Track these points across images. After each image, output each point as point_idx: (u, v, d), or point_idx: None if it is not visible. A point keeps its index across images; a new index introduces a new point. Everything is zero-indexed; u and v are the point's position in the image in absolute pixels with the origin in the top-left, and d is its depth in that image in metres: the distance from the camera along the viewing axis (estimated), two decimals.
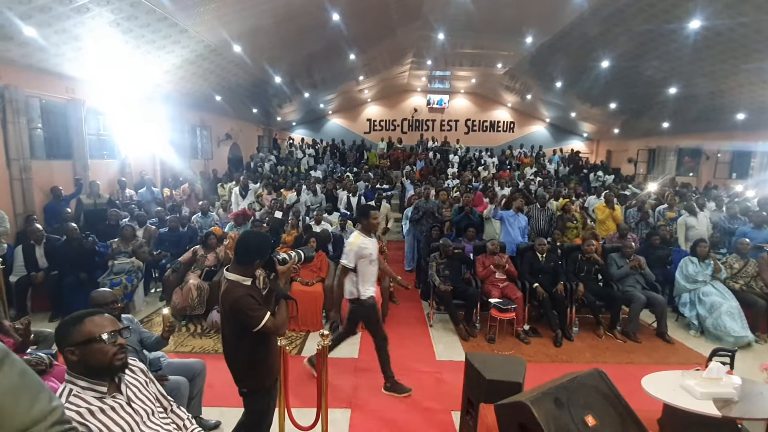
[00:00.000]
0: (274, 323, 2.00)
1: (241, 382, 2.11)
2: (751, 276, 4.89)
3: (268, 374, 2.16)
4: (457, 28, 10.24)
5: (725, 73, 9.03)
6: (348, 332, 3.68)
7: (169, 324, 2.61)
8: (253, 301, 1.96)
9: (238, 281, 2.00)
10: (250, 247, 2.03)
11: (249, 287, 2.02)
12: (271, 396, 2.22)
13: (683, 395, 2.09)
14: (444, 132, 19.20)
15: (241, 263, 2.03)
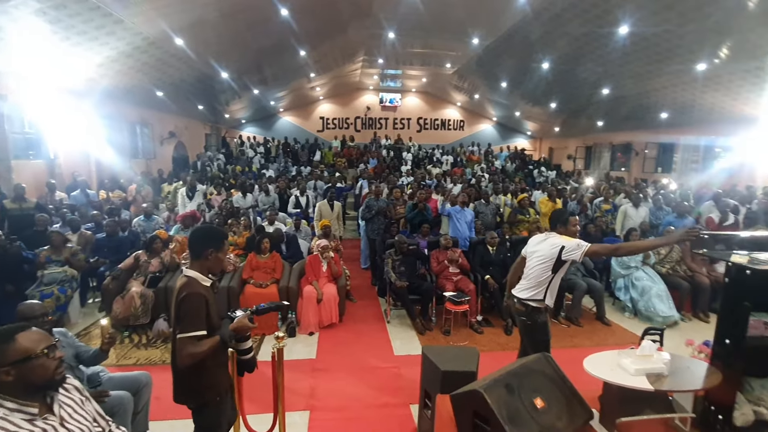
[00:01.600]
0: (193, 347, 1.76)
1: (186, 396, 1.94)
2: (676, 261, 5.40)
3: (216, 386, 1.99)
4: (406, 28, 10.37)
5: (651, 75, 9.87)
6: None
7: (108, 335, 2.43)
8: (201, 309, 1.83)
9: (197, 279, 1.90)
10: (199, 237, 1.97)
11: (207, 289, 1.92)
12: (222, 412, 2.05)
13: (620, 373, 2.27)
14: (397, 130, 19.39)
15: (195, 255, 1.94)
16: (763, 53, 7.31)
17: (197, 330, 1.78)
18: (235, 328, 1.89)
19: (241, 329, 1.90)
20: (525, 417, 2.14)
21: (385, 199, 6.71)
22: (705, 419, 2.31)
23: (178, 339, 1.77)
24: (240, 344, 1.96)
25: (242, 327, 1.90)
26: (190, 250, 1.97)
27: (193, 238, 1.98)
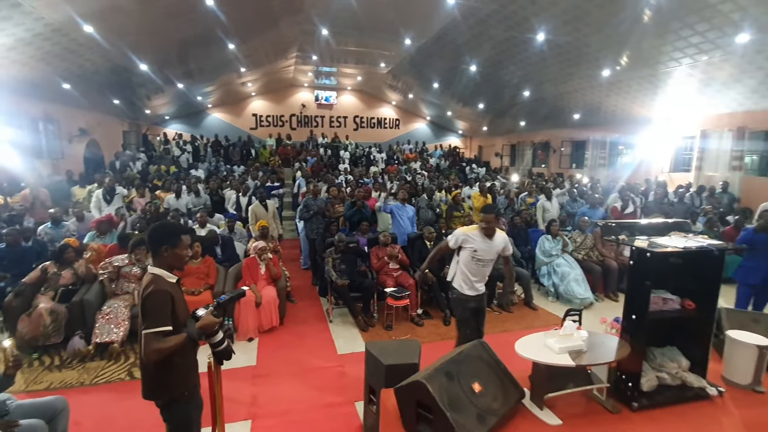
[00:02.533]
0: (158, 343, 1.81)
1: (154, 393, 1.97)
2: (589, 247, 6.00)
3: (185, 382, 2.03)
4: (339, 25, 10.32)
5: (565, 79, 10.82)
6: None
7: (13, 359, 2.15)
8: (166, 305, 1.87)
9: (161, 275, 1.94)
10: (154, 234, 2.00)
11: (173, 285, 1.97)
12: (192, 405, 2.09)
13: (546, 352, 2.47)
14: (333, 128, 19.25)
15: (154, 253, 1.99)
16: (655, 62, 8.35)
17: (162, 326, 1.83)
18: (202, 326, 1.94)
19: (208, 327, 1.95)
20: (464, 402, 2.27)
21: (323, 198, 6.64)
22: (617, 387, 2.60)
23: (144, 335, 1.80)
24: (211, 337, 2.00)
25: (209, 324, 1.95)
26: (149, 247, 2.01)
27: (149, 235, 2.01)
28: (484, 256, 3.24)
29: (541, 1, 7.60)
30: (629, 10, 6.90)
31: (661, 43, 7.66)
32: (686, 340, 2.74)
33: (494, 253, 3.25)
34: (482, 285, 3.37)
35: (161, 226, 2.07)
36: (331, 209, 6.51)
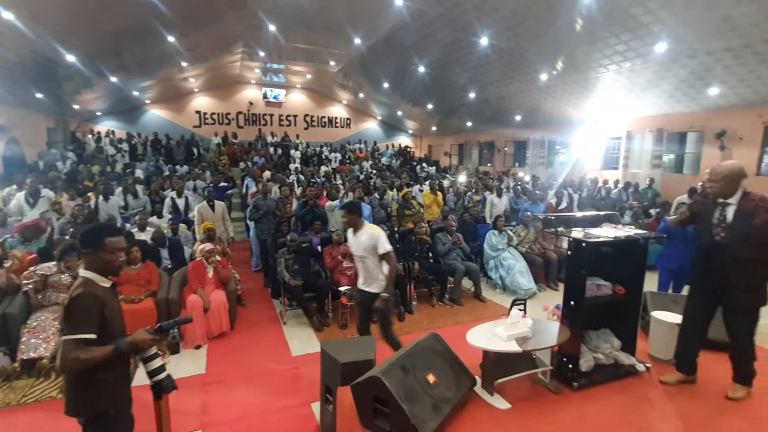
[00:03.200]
0: (78, 351, 1.62)
1: (76, 409, 1.76)
2: (532, 241, 6.36)
3: (112, 399, 1.83)
4: (287, 22, 10.11)
5: (507, 82, 11.36)
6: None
7: None
8: (93, 311, 1.69)
9: (93, 279, 1.78)
10: (81, 236, 1.85)
11: (106, 291, 1.81)
12: (120, 424, 1.90)
13: (495, 340, 2.60)
14: (283, 127, 18.81)
15: (84, 258, 1.84)
16: (586, 68, 9.01)
17: (85, 332, 1.64)
18: (132, 340, 1.79)
19: (138, 342, 1.80)
20: (420, 393, 2.33)
21: (273, 198, 6.48)
22: (560, 369, 2.79)
23: (63, 341, 1.63)
24: (148, 363, 1.86)
25: (140, 340, 1.80)
26: (81, 250, 1.86)
27: (81, 237, 1.86)
28: (355, 251, 3.38)
29: (483, 7, 7.93)
30: (563, 19, 7.40)
31: (591, 50, 8.28)
32: (617, 322, 3.00)
33: (362, 249, 3.27)
34: (368, 285, 3.35)
35: (87, 229, 1.90)
36: (283, 209, 6.38)
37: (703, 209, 2.56)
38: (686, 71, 7.75)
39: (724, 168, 2.44)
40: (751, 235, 2.29)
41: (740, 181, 2.39)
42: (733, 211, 2.39)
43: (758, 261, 2.31)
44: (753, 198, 2.37)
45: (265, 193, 6.41)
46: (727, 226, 2.40)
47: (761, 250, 2.29)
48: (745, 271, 2.34)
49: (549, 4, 7.23)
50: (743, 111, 8.08)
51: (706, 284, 2.58)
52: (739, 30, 6.25)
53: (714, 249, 2.48)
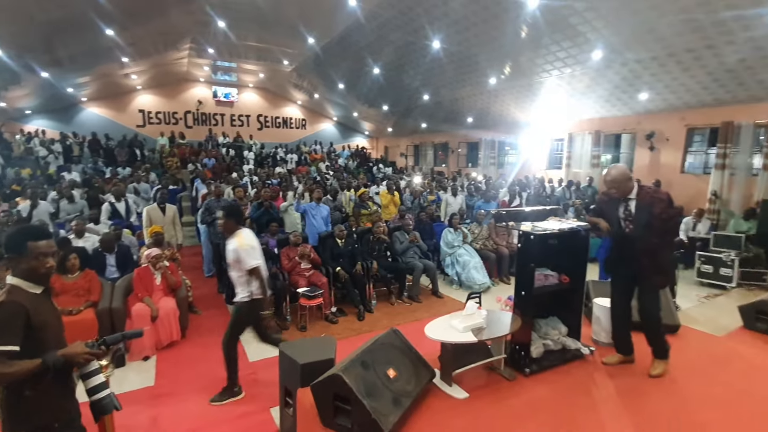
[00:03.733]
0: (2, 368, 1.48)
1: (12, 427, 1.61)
2: (485, 237, 6.61)
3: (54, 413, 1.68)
4: (237, 18, 9.81)
5: (459, 85, 11.73)
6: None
7: None
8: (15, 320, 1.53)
9: (18, 285, 1.62)
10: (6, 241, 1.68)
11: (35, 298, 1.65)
12: None
13: (452, 332, 2.68)
14: (235, 127, 18.18)
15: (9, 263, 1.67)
16: (531, 72, 9.50)
17: (6, 344, 1.50)
18: (65, 353, 1.61)
19: (71, 356, 1.63)
20: (380, 388, 2.35)
21: (228, 200, 6.26)
22: (512, 357, 2.93)
23: None
24: (88, 380, 1.70)
25: (73, 354, 1.63)
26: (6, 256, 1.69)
27: (5, 241, 1.69)
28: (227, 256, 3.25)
29: (434, 11, 8.15)
30: (509, 26, 7.76)
31: (534, 56, 8.75)
32: (564, 310, 3.19)
33: (229, 259, 3.20)
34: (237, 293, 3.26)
35: (10, 233, 1.75)
36: None
37: (609, 207, 2.81)
38: (619, 77, 8.40)
39: (616, 173, 2.70)
40: (652, 224, 2.58)
41: (631, 180, 2.68)
42: (634, 204, 2.67)
43: (662, 246, 2.62)
44: (648, 191, 2.67)
45: (218, 195, 6.17)
46: (632, 219, 2.68)
47: (663, 236, 2.60)
48: (653, 257, 2.62)
49: (496, 11, 7.55)
50: (669, 115, 8.87)
51: (622, 271, 2.85)
52: (663, 40, 6.86)
53: (624, 240, 2.75)
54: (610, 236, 2.89)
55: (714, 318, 4.63)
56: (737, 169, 7.87)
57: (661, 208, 2.58)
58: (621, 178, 2.70)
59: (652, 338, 2.82)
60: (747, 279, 5.89)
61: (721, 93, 7.66)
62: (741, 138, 7.75)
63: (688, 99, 8.24)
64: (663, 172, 9.10)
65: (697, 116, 8.50)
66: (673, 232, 2.72)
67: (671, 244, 2.74)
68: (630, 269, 2.76)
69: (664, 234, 2.62)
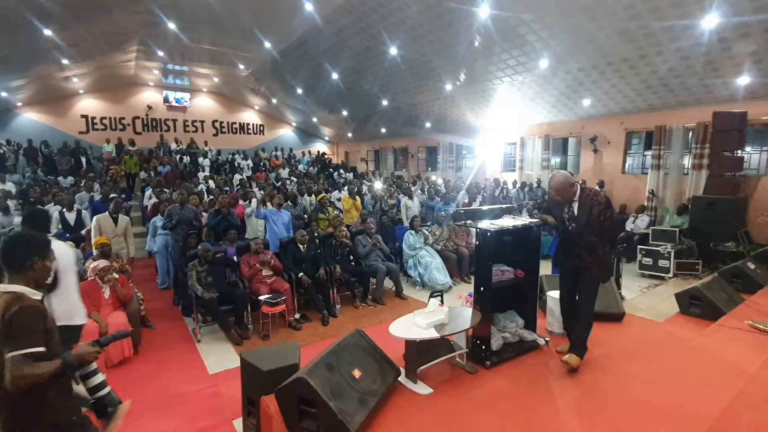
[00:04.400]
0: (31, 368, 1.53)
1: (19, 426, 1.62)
2: (446, 239, 6.78)
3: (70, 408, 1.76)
4: (189, 20, 9.51)
5: (417, 90, 11.97)
6: None
7: None
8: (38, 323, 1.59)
9: (25, 293, 1.64)
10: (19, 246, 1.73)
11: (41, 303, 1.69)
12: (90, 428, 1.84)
13: (415, 330, 2.74)
14: (189, 133, 17.48)
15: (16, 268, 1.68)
16: (484, 79, 9.88)
17: (34, 346, 1.55)
18: (77, 353, 1.70)
19: (85, 356, 1.73)
20: (346, 389, 2.36)
21: (193, 207, 6.01)
22: (474, 351, 3.03)
23: (10, 359, 1.50)
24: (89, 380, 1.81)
25: (86, 353, 1.73)
26: (7, 263, 1.70)
27: (9, 248, 1.72)
28: None
29: (391, 18, 8.30)
30: (463, 34, 8.06)
31: (487, 64, 9.12)
32: (520, 304, 3.35)
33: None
34: None
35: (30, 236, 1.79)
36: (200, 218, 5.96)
37: (556, 208, 3.03)
38: (564, 84, 8.93)
39: (558, 181, 2.92)
40: (591, 224, 2.83)
41: (573, 185, 2.90)
42: (577, 206, 2.91)
43: (600, 243, 2.86)
44: (588, 194, 2.90)
45: (183, 202, 5.93)
46: (575, 219, 2.91)
47: (601, 235, 2.84)
48: (593, 252, 2.85)
49: (449, 19, 7.81)
50: (609, 119, 9.53)
51: (567, 266, 3.06)
52: (602, 50, 7.38)
53: (569, 237, 2.98)
54: (557, 230, 3.08)
55: (654, 306, 5.02)
56: (671, 169, 8.59)
57: (599, 210, 2.82)
58: (563, 185, 2.91)
59: (577, 331, 2.94)
60: (682, 269, 6.42)
61: (654, 99, 8.34)
62: (673, 140, 8.47)
63: (625, 105, 8.90)
64: (606, 173, 9.75)
65: (634, 121, 9.19)
66: (610, 231, 2.94)
67: (610, 241, 2.97)
68: (573, 264, 2.97)
69: (602, 233, 2.86)
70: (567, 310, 3.15)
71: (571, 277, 3.05)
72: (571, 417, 2.42)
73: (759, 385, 2.68)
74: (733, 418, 2.34)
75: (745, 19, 5.62)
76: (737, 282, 4.81)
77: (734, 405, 2.45)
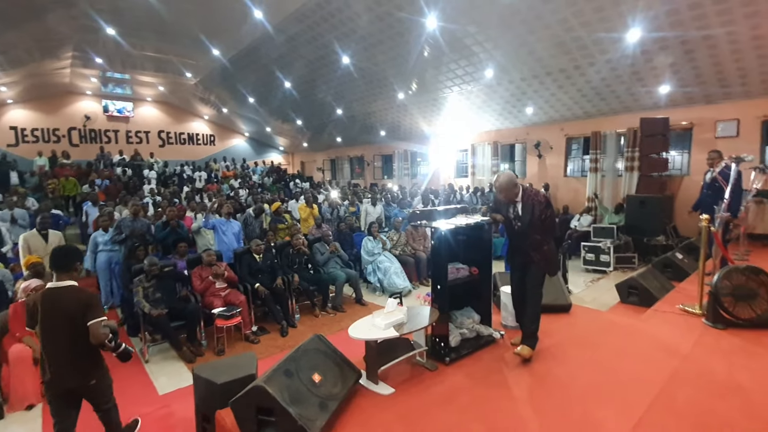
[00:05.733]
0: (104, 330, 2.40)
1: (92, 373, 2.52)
2: (404, 244, 6.87)
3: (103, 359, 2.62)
4: (130, 26, 9.07)
5: (371, 99, 12.13)
6: None
7: None
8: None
9: (75, 286, 2.45)
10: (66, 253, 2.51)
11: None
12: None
13: (375, 330, 2.75)
14: (133, 145, 16.55)
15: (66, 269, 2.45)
16: (435, 88, 10.21)
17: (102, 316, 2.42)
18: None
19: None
20: (306, 394, 2.32)
21: (146, 220, 5.67)
22: (434, 349, 3.09)
23: (96, 323, 2.36)
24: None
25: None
26: (59, 266, 2.44)
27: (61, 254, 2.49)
28: None
29: (342, 28, 8.39)
30: (413, 44, 8.30)
31: (437, 73, 9.44)
32: (476, 300, 3.47)
33: None
34: None
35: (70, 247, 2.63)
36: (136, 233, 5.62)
37: (502, 207, 3.17)
38: (509, 93, 9.42)
39: (502, 182, 3.05)
40: (534, 222, 2.99)
41: (516, 186, 3.05)
42: (520, 206, 3.06)
43: (544, 241, 3.02)
44: (530, 194, 3.05)
45: (135, 213, 5.57)
46: (519, 218, 3.06)
47: (543, 233, 3.01)
48: (538, 249, 3.01)
49: (399, 29, 8.03)
50: (551, 126, 10.16)
51: (517, 262, 3.20)
52: (541, 61, 7.89)
53: (515, 235, 3.13)
54: (506, 228, 3.23)
55: (598, 297, 5.37)
56: (607, 172, 9.27)
57: (540, 210, 2.98)
58: (507, 185, 3.04)
59: (527, 323, 3.08)
60: (621, 263, 6.92)
61: (589, 107, 9.01)
62: (607, 145, 9.17)
63: (564, 112, 9.53)
64: (550, 177, 10.35)
65: (573, 127, 9.85)
66: (552, 229, 3.11)
67: (555, 238, 3.14)
68: (521, 260, 3.12)
69: (545, 231, 3.03)
70: (518, 303, 3.28)
71: (520, 272, 3.18)
72: (524, 405, 2.52)
73: (692, 362, 2.94)
74: (670, 394, 2.54)
75: (663, 34, 6.24)
76: (668, 271, 5.26)
77: (671, 382, 2.67)
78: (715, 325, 3.51)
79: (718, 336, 3.36)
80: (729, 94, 7.27)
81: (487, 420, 2.37)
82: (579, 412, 2.40)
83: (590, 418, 2.34)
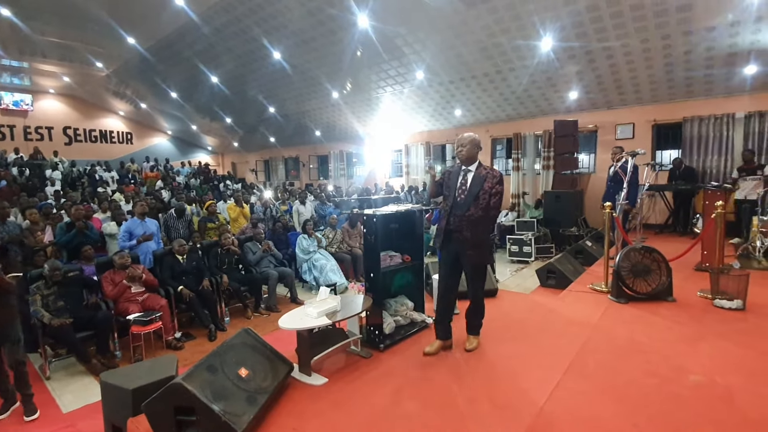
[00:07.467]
0: None
1: None
2: (340, 241, 6.81)
3: None
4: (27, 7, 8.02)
5: (305, 98, 11.91)
6: None
7: None
8: None
9: None
10: None
11: None
12: None
13: (307, 320, 2.69)
14: (33, 142, 14.62)
15: None
16: (369, 88, 10.30)
17: None
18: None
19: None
20: (231, 389, 2.20)
21: (17, 223, 4.98)
22: (368, 337, 3.10)
23: None
24: None
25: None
26: None
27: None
28: None
29: (272, 21, 8.15)
30: (346, 43, 8.30)
31: (371, 73, 9.53)
32: (409, 288, 3.53)
33: None
34: None
35: None
36: (31, 238, 4.97)
37: (451, 178, 3.06)
38: (439, 95, 9.80)
39: (467, 137, 3.04)
40: (479, 196, 2.88)
41: (477, 147, 3.03)
42: (471, 176, 2.96)
43: (484, 219, 2.90)
44: (485, 168, 3.00)
45: (3, 217, 4.86)
46: (466, 188, 2.94)
47: (486, 210, 2.89)
48: (474, 228, 2.87)
49: (332, 27, 7.98)
50: (477, 128, 10.72)
51: (451, 249, 2.97)
52: (467, 65, 8.30)
53: (455, 207, 2.95)
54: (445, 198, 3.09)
55: (521, 283, 5.74)
56: (527, 170, 10.00)
57: (491, 183, 2.89)
58: (471, 143, 2.97)
59: (474, 319, 3.07)
60: (541, 253, 7.48)
61: (510, 110, 9.66)
62: (527, 146, 9.89)
63: (488, 114, 10.12)
64: None
65: (497, 129, 10.49)
66: (496, 208, 2.96)
67: (492, 219, 2.99)
68: (454, 242, 2.92)
69: (488, 208, 2.88)
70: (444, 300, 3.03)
71: (451, 267, 2.99)
72: (456, 381, 2.61)
73: (600, 332, 3.25)
74: (584, 358, 2.81)
75: (570, 43, 6.88)
76: (580, 257, 5.82)
77: (584, 349, 2.94)
78: (618, 300, 3.92)
79: (620, 309, 3.76)
80: (625, 101, 8.22)
81: (420, 397, 2.41)
82: (506, 383, 2.54)
83: (516, 388, 2.48)
